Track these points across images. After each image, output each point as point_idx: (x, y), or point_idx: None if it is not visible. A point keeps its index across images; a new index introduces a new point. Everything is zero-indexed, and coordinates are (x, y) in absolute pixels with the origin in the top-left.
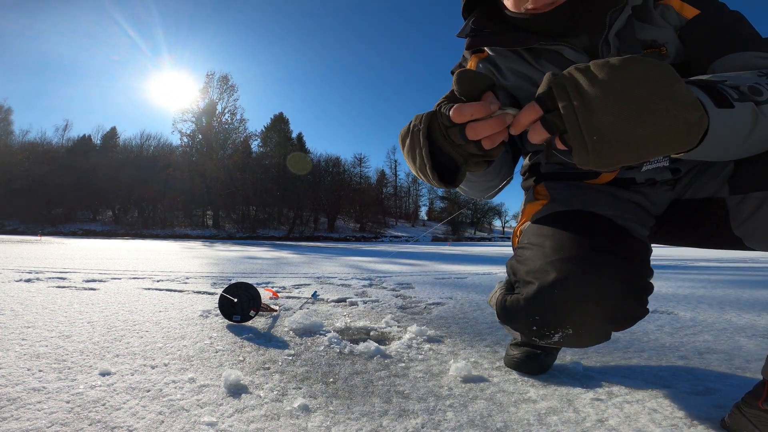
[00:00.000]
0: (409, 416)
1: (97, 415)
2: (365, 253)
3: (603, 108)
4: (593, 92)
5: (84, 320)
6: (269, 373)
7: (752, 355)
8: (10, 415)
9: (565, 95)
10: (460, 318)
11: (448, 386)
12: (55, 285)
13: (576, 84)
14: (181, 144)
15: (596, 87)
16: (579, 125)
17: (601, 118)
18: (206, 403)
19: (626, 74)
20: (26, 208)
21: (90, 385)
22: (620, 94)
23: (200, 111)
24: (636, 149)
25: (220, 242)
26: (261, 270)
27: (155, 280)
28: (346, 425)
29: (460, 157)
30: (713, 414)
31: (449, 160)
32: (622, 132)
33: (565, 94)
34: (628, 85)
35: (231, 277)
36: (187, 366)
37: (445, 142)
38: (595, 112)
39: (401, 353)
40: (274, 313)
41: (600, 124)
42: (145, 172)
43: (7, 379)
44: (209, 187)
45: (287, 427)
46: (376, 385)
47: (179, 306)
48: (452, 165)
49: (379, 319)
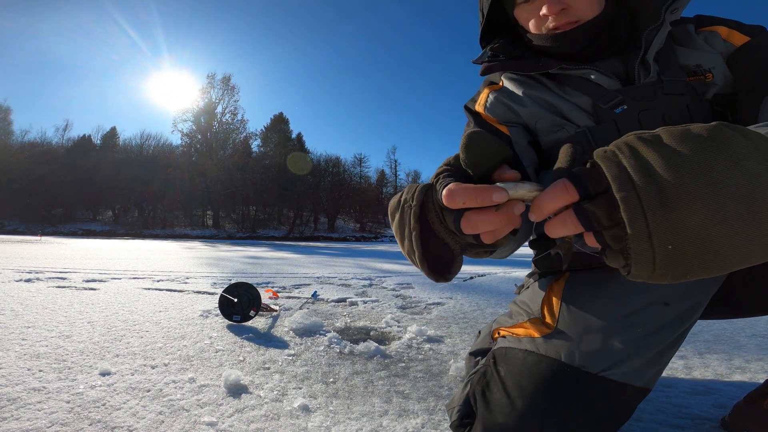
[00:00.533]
0: (409, 416)
1: (97, 415)
2: (365, 253)
3: (690, 203)
4: (672, 177)
5: (84, 320)
6: (269, 373)
7: (752, 355)
8: (10, 415)
9: (624, 178)
10: (460, 318)
11: (448, 386)
12: (55, 285)
13: (642, 162)
14: (181, 144)
15: (676, 169)
16: (647, 226)
17: (686, 219)
18: (206, 403)
19: (725, 149)
20: (26, 208)
21: (90, 385)
22: (718, 182)
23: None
24: (731, 261)
25: (220, 242)
26: (261, 270)
27: (155, 280)
28: (346, 425)
29: (457, 246)
30: (714, 413)
31: (444, 247)
32: (717, 239)
33: (623, 177)
34: (728, 169)
35: (231, 277)
36: (187, 366)
37: (440, 227)
38: (677, 209)
39: (401, 353)
40: (274, 313)
41: (683, 227)
42: (145, 172)
43: (7, 379)
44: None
45: (287, 427)
46: (376, 385)
47: (179, 306)
48: (447, 253)
49: (379, 319)
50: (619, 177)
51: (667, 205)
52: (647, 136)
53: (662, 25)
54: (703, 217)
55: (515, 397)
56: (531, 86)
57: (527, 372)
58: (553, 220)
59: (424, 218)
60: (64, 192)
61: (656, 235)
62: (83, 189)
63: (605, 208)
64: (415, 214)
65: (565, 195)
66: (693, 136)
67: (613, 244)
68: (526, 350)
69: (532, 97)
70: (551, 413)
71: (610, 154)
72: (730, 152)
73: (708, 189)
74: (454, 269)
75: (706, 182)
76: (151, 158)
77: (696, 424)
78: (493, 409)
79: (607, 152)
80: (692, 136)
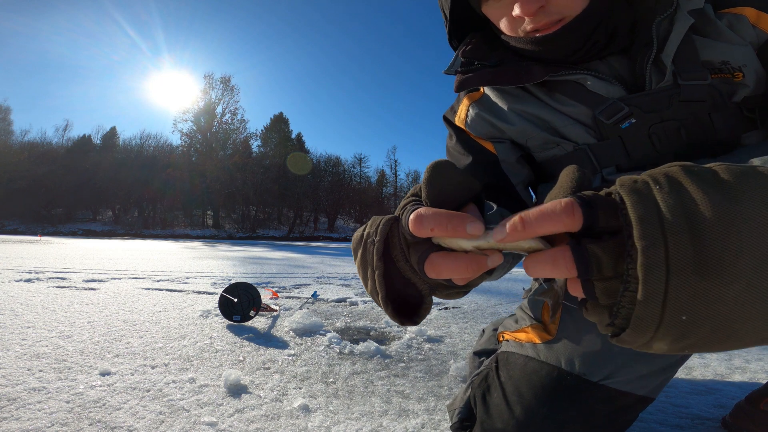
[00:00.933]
0: (409, 416)
1: (97, 415)
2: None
3: (732, 270)
4: (721, 234)
5: (84, 320)
6: (269, 373)
7: (752, 355)
8: (10, 415)
9: (652, 222)
10: (460, 318)
11: (448, 386)
12: (55, 285)
13: (685, 205)
14: (181, 144)
15: (730, 223)
16: (665, 291)
17: (720, 290)
18: (206, 403)
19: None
20: (26, 208)
21: (90, 385)
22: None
23: (200, 111)
24: (748, 340)
25: (220, 242)
26: (261, 270)
27: (155, 280)
28: (346, 425)
29: (425, 287)
30: (714, 413)
31: (411, 287)
32: (745, 316)
33: (652, 220)
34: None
35: (231, 277)
36: (187, 366)
37: (405, 265)
38: (713, 277)
39: (401, 353)
40: (274, 313)
41: (710, 298)
42: (145, 172)
43: (7, 379)
44: (209, 187)
45: (287, 427)
46: (376, 385)
47: (179, 306)
48: (414, 294)
49: (379, 319)
50: (647, 219)
51: (704, 271)
52: (698, 170)
53: (676, 12)
54: (740, 289)
55: (514, 403)
56: (517, 98)
57: (527, 379)
58: (537, 255)
59: (389, 255)
60: (64, 192)
61: (673, 302)
62: (83, 189)
63: (613, 254)
64: (378, 250)
65: (565, 218)
66: (758, 178)
67: (602, 299)
68: (527, 356)
69: (519, 112)
70: (550, 421)
71: (642, 186)
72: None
73: (760, 256)
74: (422, 311)
75: (759, 246)
76: (151, 158)
77: (696, 424)
78: (492, 414)
79: (638, 183)
80: (757, 177)
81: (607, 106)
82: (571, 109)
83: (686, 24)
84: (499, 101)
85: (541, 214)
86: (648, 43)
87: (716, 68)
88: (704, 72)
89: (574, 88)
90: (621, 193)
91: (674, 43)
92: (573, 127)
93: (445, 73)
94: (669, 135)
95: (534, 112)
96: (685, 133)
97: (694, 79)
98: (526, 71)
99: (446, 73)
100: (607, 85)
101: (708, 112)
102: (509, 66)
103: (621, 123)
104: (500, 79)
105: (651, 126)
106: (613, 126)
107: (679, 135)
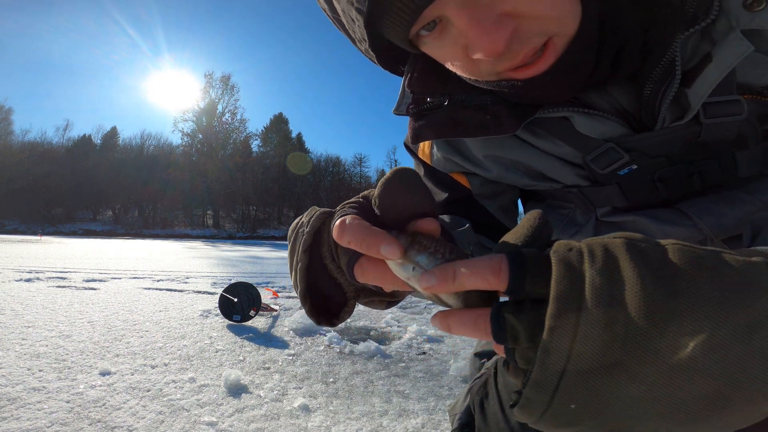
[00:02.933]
0: (409, 416)
1: (97, 414)
2: None
3: (639, 371)
4: (645, 327)
5: (84, 320)
6: (269, 372)
7: None
8: (10, 415)
9: (569, 301)
10: None
11: (448, 386)
12: (56, 285)
13: (614, 287)
14: (181, 144)
15: (658, 318)
16: (560, 379)
17: (617, 390)
18: (206, 402)
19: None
20: (26, 207)
21: (90, 385)
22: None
23: (201, 111)
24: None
25: (220, 242)
26: (261, 270)
27: (155, 279)
28: (346, 425)
29: (350, 289)
30: None
31: (335, 287)
32: (638, 419)
33: (570, 298)
34: (732, 338)
35: (231, 277)
36: (187, 366)
37: (332, 264)
38: (615, 376)
39: (401, 353)
40: (274, 313)
41: (606, 399)
42: (146, 172)
43: (7, 379)
44: (209, 187)
45: (287, 427)
46: (376, 385)
47: (179, 306)
48: (338, 296)
49: (379, 319)
50: (564, 298)
51: (608, 370)
52: (645, 248)
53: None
54: (642, 392)
55: (509, 412)
56: (490, 141)
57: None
58: (462, 313)
59: (318, 249)
60: (64, 192)
61: (564, 392)
62: (83, 189)
63: (530, 327)
64: (305, 243)
65: (491, 277)
66: (716, 272)
67: (521, 363)
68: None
69: (495, 159)
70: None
71: (575, 257)
72: (744, 318)
73: (675, 362)
74: (343, 314)
75: (675, 350)
76: (152, 158)
77: None
78: (489, 422)
79: (572, 252)
80: (716, 270)
81: (601, 153)
82: (557, 149)
83: (738, 52)
84: (469, 142)
85: (473, 269)
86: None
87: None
88: (739, 104)
89: (558, 123)
90: (552, 261)
91: (711, 81)
92: (560, 168)
93: (395, 114)
94: (679, 181)
95: (513, 158)
96: (700, 178)
97: (723, 115)
98: (492, 117)
99: (396, 113)
100: (600, 123)
101: (732, 150)
102: (469, 109)
103: (618, 170)
104: (459, 131)
105: (657, 172)
106: (609, 174)
107: (692, 180)
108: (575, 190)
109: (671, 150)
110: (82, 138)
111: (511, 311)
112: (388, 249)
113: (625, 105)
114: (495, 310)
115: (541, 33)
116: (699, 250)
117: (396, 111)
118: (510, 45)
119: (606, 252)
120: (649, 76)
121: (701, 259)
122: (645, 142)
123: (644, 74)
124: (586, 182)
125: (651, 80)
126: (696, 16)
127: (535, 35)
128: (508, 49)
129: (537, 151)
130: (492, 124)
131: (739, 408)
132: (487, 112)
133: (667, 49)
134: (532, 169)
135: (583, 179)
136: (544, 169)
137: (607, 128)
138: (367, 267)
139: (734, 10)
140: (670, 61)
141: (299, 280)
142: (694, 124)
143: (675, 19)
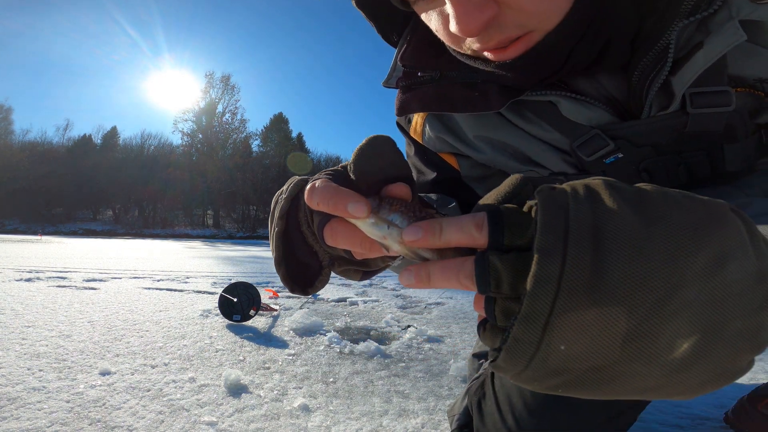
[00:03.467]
0: (409, 416)
1: (97, 414)
2: None
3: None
4: (629, 255)
5: (84, 320)
6: (269, 372)
7: None
8: (10, 415)
9: (556, 231)
10: (460, 318)
11: (448, 386)
12: (56, 284)
13: (598, 218)
14: (181, 144)
15: (639, 245)
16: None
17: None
18: (206, 402)
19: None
20: (26, 207)
21: (90, 385)
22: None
23: (201, 111)
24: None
25: (220, 242)
26: (261, 270)
27: (155, 279)
28: (346, 425)
29: (325, 256)
30: (714, 413)
31: (312, 255)
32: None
33: (557, 229)
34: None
35: (231, 277)
36: (187, 366)
37: (308, 230)
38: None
39: (401, 353)
40: (274, 313)
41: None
42: (146, 172)
43: (7, 379)
44: (209, 186)
45: (287, 427)
46: (376, 385)
47: (179, 306)
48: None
49: (379, 319)
50: (551, 226)
51: (598, 296)
52: (622, 186)
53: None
54: (634, 324)
55: (506, 412)
56: (479, 119)
57: (517, 388)
58: (446, 262)
59: (295, 217)
60: (65, 192)
61: (555, 326)
62: (83, 189)
63: (513, 270)
64: (282, 209)
65: (471, 232)
66: (685, 206)
67: (500, 319)
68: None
69: (485, 140)
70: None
71: (558, 194)
72: (718, 246)
73: (661, 288)
74: (318, 283)
75: (663, 276)
76: (152, 158)
77: (696, 424)
78: (486, 422)
79: (556, 191)
80: (685, 205)
81: (587, 140)
82: (545, 134)
83: (729, 41)
84: (461, 121)
85: (449, 228)
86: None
87: (747, 84)
88: (727, 95)
89: (547, 108)
90: (537, 199)
91: (696, 68)
92: (547, 153)
93: (385, 86)
94: (665, 172)
95: (501, 139)
96: (686, 170)
97: (710, 106)
98: (481, 94)
99: (385, 85)
100: (586, 109)
101: (720, 143)
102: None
103: (604, 159)
104: (446, 105)
105: (642, 161)
106: (595, 162)
107: (678, 172)
108: (562, 177)
109: (658, 140)
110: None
111: (496, 255)
112: (355, 207)
113: (613, 93)
114: (480, 254)
115: (521, 26)
116: (669, 189)
117: (385, 83)
118: (487, 29)
119: (587, 188)
120: (639, 64)
121: (672, 194)
122: (631, 130)
123: (635, 63)
124: (572, 170)
125: (640, 68)
126: (698, 6)
127: (514, 26)
128: (485, 33)
129: (525, 135)
130: (479, 100)
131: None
132: (476, 90)
133: (661, 36)
134: (519, 152)
135: (570, 166)
136: (532, 153)
137: (593, 114)
138: (337, 227)
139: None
140: (663, 48)
141: (275, 247)
142: (681, 114)
143: (675, 8)
